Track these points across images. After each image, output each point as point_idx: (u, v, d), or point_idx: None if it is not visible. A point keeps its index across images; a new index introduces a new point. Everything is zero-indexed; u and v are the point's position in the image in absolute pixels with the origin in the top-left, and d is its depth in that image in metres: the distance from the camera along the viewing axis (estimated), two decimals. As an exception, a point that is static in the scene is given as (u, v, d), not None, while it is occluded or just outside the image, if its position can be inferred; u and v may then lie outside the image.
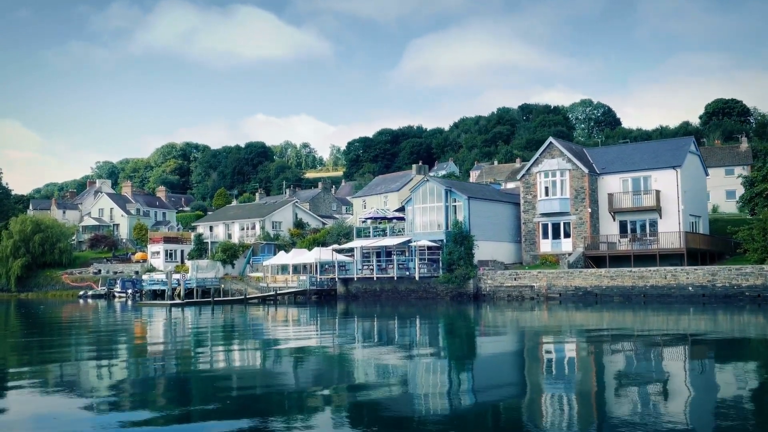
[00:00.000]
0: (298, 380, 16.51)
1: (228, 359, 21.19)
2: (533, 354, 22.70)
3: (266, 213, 78.76)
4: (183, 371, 18.64)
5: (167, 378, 17.42)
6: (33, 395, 14.53)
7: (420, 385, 15.52)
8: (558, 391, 14.27)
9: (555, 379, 16.25)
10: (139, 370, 18.78)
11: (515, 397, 14.04)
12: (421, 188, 52.95)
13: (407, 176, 78.83)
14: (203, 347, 25.05)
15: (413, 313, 42.32)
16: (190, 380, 16.97)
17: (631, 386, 14.75)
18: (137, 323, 38.30)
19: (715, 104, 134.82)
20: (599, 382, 15.94)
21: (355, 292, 55.21)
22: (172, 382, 16.74)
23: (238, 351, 23.64)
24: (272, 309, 48.85)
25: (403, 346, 24.27)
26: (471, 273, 49.35)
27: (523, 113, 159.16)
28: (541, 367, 18.50)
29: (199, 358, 21.92)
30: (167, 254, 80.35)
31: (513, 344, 25.96)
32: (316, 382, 15.97)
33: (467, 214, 50.80)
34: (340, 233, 67.64)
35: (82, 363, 20.65)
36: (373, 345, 25.01)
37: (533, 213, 53.14)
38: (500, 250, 53.09)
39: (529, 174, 53.63)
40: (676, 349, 22.64)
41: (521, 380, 16.53)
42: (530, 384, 15.76)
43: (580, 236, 50.97)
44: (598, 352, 22.11)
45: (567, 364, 19.54)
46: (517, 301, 47.45)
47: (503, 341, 26.87)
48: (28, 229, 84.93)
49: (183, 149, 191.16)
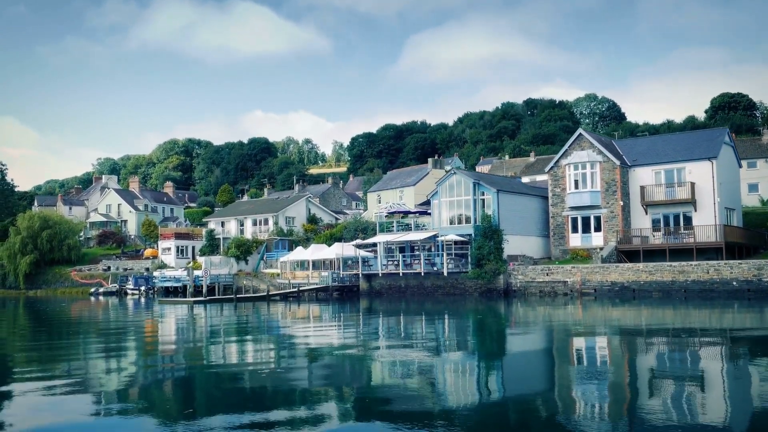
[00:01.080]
0: (339, 379, 16.26)
1: (279, 361, 19.75)
2: (567, 351, 21.79)
3: (279, 208, 76.80)
4: (241, 374, 17.05)
5: (236, 382, 15.71)
6: (101, 411, 12.83)
7: (450, 383, 15.31)
8: (591, 391, 13.89)
9: (588, 377, 15.79)
10: (203, 377, 17.07)
11: (546, 397, 13.64)
12: (447, 181, 51.08)
13: (423, 170, 76.95)
14: (254, 348, 23.26)
15: (441, 310, 40.88)
16: (245, 381, 16.18)
17: (666, 385, 14.27)
18: (168, 322, 36.37)
19: (721, 98, 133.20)
20: (634, 380, 15.50)
21: (378, 288, 53.34)
22: (235, 384, 15.77)
23: (283, 351, 22.10)
24: (295, 306, 47.04)
25: (436, 344, 23.43)
26: (501, 268, 47.54)
27: (528, 108, 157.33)
28: (575, 365, 17.91)
29: (258, 361, 20.21)
30: (178, 250, 78.37)
31: (548, 342, 24.82)
32: (349, 381, 15.86)
33: (496, 208, 48.98)
34: (357, 228, 65.73)
35: (148, 370, 18.85)
36: (408, 343, 23.85)
37: (562, 206, 51.36)
38: (528, 245, 51.30)
39: (558, 166, 51.82)
40: (719, 346, 21.40)
41: (554, 379, 16.10)
42: (562, 383, 15.36)
43: (611, 230, 49.20)
44: (634, 349, 21.24)
45: (601, 362, 18.85)
46: (550, 297, 45.71)
47: (538, 339, 25.68)
48: (36, 226, 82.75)
49: (185, 145, 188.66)
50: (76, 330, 32.88)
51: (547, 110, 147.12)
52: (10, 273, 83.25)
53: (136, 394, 14.98)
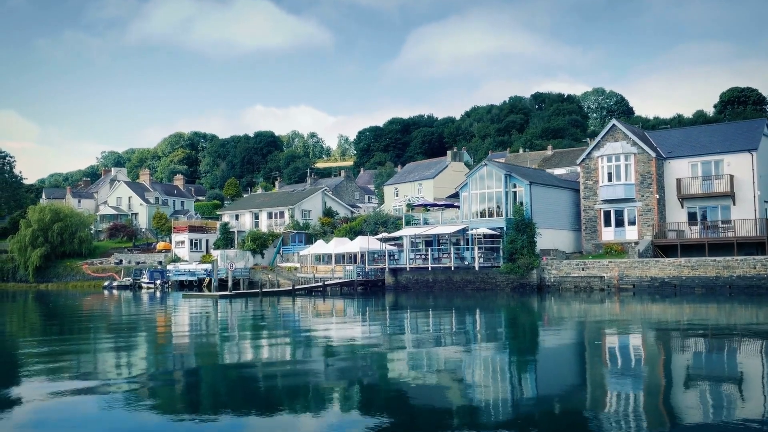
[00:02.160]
0: (377, 376, 15.93)
1: (327, 361, 18.11)
2: (603, 349, 20.74)
3: (295, 201, 74.94)
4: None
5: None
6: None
7: (480, 381, 14.79)
8: (625, 391, 13.31)
9: (624, 377, 15.16)
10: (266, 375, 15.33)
11: (578, 397, 13.18)
12: (478, 173, 49.28)
13: (442, 163, 75.11)
14: (296, 348, 21.49)
15: (472, 305, 39.31)
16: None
17: (704, 387, 13.61)
18: (201, 318, 34.55)
19: (730, 93, 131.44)
20: (671, 380, 14.87)
21: (405, 282, 51.58)
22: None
23: (325, 351, 20.43)
24: (320, 300, 45.26)
25: (468, 340, 22.58)
26: (534, 263, 45.82)
27: (536, 102, 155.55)
28: (610, 364, 17.22)
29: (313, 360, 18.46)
30: (192, 244, 76.57)
31: (584, 339, 23.60)
32: (388, 379, 15.50)
33: (528, 200, 47.21)
34: (377, 222, 63.99)
35: (200, 367, 17.12)
36: (442, 340, 22.78)
37: (594, 199, 49.61)
38: (559, 239, 49.56)
39: (590, 158, 50.05)
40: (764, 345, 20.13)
41: (588, 378, 15.55)
42: (595, 382, 14.85)
43: (646, 224, 47.48)
44: (674, 348, 20.33)
45: (639, 361, 17.93)
46: (585, 292, 43.97)
47: (574, 336, 24.59)
48: (47, 218, 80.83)
49: (190, 139, 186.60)
50: (104, 327, 31.09)
51: (556, 104, 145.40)
52: (20, 266, 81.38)
53: (183, 391, 14.44)
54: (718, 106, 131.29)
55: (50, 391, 13.67)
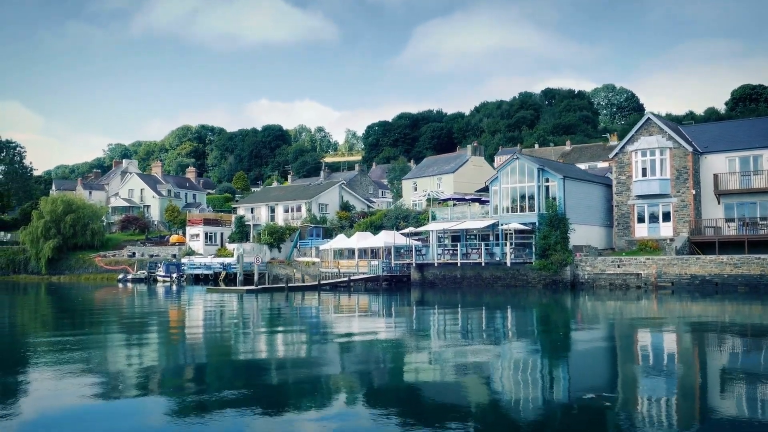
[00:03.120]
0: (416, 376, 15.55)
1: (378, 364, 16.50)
2: (638, 349, 20.05)
3: (312, 195, 73.32)
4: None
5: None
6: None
7: (511, 382, 14.32)
8: (660, 394, 12.93)
9: (662, 378, 14.64)
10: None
11: (612, 400, 12.45)
12: (509, 166, 47.64)
13: (462, 157, 73.45)
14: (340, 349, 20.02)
15: (503, 302, 38.01)
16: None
17: (741, 388, 13.14)
18: (236, 315, 32.98)
19: (742, 90, 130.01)
20: (708, 382, 14.41)
21: (431, 278, 49.98)
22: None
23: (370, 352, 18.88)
24: (345, 296, 43.71)
25: (504, 338, 21.95)
26: (568, 259, 44.22)
27: (545, 98, 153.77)
28: (645, 364, 16.74)
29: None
30: (207, 237, 74.99)
31: (620, 338, 22.85)
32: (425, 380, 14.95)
33: (562, 195, 45.59)
34: (398, 216, 62.39)
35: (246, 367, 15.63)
36: (480, 339, 22.01)
37: (627, 195, 47.99)
38: (591, 235, 47.97)
39: (623, 153, 48.42)
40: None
41: (621, 379, 14.94)
42: (628, 383, 14.32)
43: (682, 220, 45.88)
44: (714, 347, 19.66)
45: (681, 361, 17.41)
46: (621, 290, 42.41)
47: (612, 334, 23.89)
48: (59, 210, 79.16)
49: (198, 132, 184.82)
50: (131, 323, 29.54)
51: (566, 100, 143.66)
52: (32, 257, 79.74)
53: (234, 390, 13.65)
54: (729, 103, 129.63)
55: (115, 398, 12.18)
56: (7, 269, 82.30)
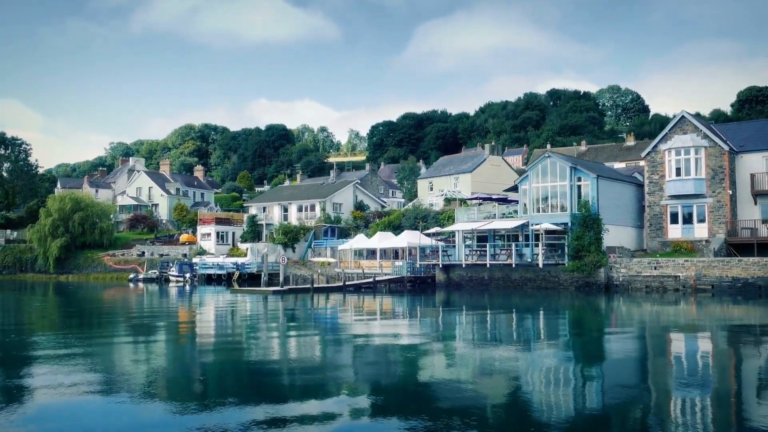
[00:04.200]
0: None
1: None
2: (676, 355, 19.13)
3: (327, 194, 71.46)
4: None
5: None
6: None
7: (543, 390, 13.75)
8: (705, 404, 12.23)
9: (704, 386, 13.91)
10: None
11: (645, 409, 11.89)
12: (540, 164, 45.89)
13: (480, 156, 71.68)
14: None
15: (534, 305, 36.35)
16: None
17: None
18: (289, 319, 31.15)
19: (748, 92, 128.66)
20: (745, 390, 13.80)
21: (458, 280, 48.21)
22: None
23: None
24: (370, 297, 41.94)
25: (552, 346, 20.49)
26: (602, 261, 42.51)
27: (551, 98, 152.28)
28: (681, 371, 15.86)
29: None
30: (218, 236, 73.05)
31: (657, 343, 21.88)
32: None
33: (595, 195, 43.86)
34: (416, 216, 60.62)
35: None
36: (518, 345, 20.95)
37: (660, 195, 46.31)
38: (623, 236, 46.29)
39: (656, 152, 46.74)
40: None
41: (657, 386, 14.22)
42: (662, 390, 13.77)
43: (717, 221, 44.21)
44: (756, 353, 18.64)
45: (715, 367, 16.53)
46: (658, 292, 40.70)
47: (648, 339, 22.67)
48: (67, 208, 77.10)
49: (201, 131, 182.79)
50: (163, 327, 27.68)
51: (572, 101, 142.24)
52: (39, 256, 77.65)
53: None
54: (735, 105, 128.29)
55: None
56: (14, 268, 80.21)
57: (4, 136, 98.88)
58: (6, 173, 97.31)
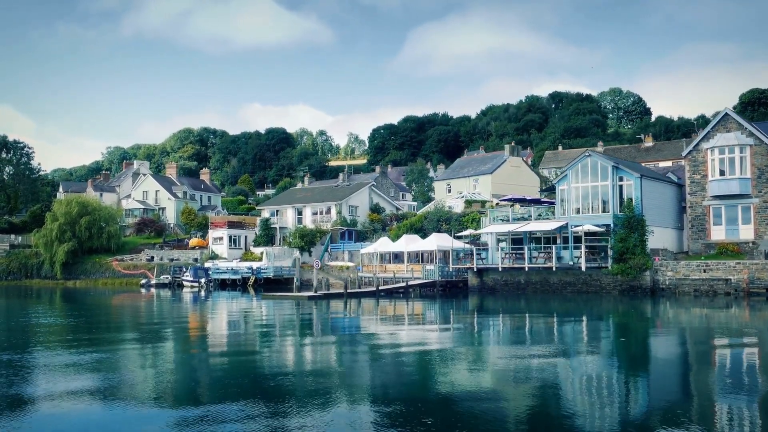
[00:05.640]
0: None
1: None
2: (725, 362, 17.80)
3: (342, 196, 68.99)
4: None
5: None
6: None
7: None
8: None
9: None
10: None
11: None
12: (580, 164, 43.69)
13: (499, 157, 69.43)
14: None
15: (575, 309, 34.57)
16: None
17: None
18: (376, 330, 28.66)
19: (750, 94, 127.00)
20: None
21: (492, 284, 45.91)
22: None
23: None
24: (403, 302, 39.61)
25: (610, 357, 18.74)
26: (648, 263, 40.34)
27: (552, 101, 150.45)
28: (732, 380, 14.69)
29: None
30: (231, 240, 70.42)
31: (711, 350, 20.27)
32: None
33: (639, 195, 41.70)
34: (439, 218, 58.30)
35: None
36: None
37: (702, 195, 44.23)
38: (665, 237, 44.19)
39: (697, 150, 44.65)
40: None
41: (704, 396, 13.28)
42: (707, 399, 12.94)
43: (764, 222, 42.17)
44: None
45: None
46: (707, 296, 38.60)
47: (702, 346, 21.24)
48: (74, 212, 74.22)
49: (200, 135, 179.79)
50: (206, 340, 25.15)
51: (575, 104, 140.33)
52: (45, 261, 74.67)
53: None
54: (738, 107, 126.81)
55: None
56: (20, 273, 77.16)
57: (6, 139, 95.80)
58: (8, 177, 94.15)
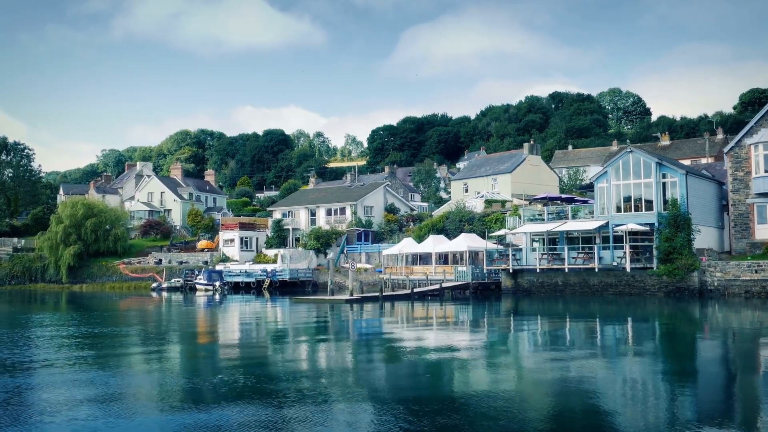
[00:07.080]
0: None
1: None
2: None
3: (358, 197, 66.54)
4: None
5: None
6: None
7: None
8: None
9: None
10: None
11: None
12: (621, 160, 41.47)
13: (518, 156, 67.23)
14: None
15: (619, 312, 32.88)
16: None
17: None
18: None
19: (751, 94, 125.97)
20: None
21: (527, 286, 43.63)
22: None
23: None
24: (437, 305, 37.34)
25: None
26: (695, 264, 38.18)
27: (553, 101, 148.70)
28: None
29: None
30: (242, 242, 67.85)
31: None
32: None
33: (685, 193, 39.54)
34: (461, 218, 56.02)
35: None
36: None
37: (746, 193, 42.15)
38: (709, 237, 42.12)
39: (740, 146, 42.59)
40: None
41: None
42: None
43: (811, 220, 40.19)
44: None
45: None
46: (759, 298, 36.49)
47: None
48: (80, 214, 71.37)
49: (197, 137, 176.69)
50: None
51: (576, 104, 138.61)
52: (50, 265, 71.71)
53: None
54: (738, 107, 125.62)
55: None
56: (23, 277, 74.08)
57: (6, 141, 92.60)
58: (8, 180, 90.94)
